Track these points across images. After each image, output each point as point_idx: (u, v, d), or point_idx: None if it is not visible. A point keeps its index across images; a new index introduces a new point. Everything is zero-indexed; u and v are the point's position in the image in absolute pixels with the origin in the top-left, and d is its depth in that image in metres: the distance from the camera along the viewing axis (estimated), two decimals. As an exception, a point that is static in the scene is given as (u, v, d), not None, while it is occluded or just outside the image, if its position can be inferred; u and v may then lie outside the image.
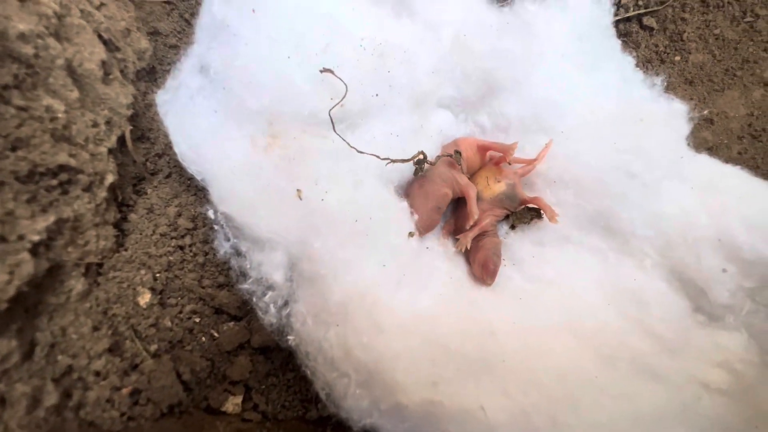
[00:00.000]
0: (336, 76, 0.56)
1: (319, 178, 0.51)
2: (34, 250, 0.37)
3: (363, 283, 0.47)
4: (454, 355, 0.47)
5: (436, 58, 0.70)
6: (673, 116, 0.72)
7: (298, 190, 0.49)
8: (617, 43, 0.78)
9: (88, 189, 0.44)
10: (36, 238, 0.37)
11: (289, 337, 0.49)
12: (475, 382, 0.46)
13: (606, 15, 0.77)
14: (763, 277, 0.61)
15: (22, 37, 0.38)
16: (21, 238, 0.36)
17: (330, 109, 0.55)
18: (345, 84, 0.55)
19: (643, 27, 0.92)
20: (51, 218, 0.38)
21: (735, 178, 0.66)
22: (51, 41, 0.41)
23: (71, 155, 0.42)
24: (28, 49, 0.39)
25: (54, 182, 0.40)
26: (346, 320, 0.45)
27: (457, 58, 0.71)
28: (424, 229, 0.64)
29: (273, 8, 0.56)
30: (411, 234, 0.56)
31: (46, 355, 0.39)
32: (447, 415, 0.43)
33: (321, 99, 0.56)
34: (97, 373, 0.41)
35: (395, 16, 0.70)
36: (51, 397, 0.38)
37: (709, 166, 0.68)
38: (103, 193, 0.46)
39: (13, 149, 0.37)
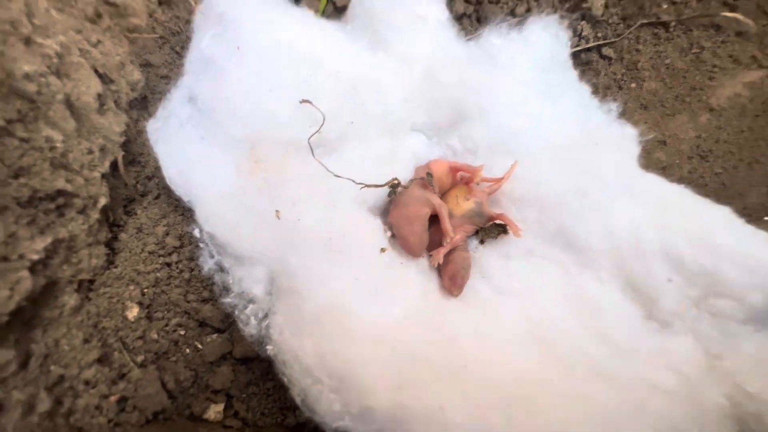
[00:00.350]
0: (314, 106, 0.62)
1: (296, 200, 0.56)
2: (33, 269, 0.41)
3: (336, 296, 0.51)
4: (419, 362, 0.51)
5: (409, 89, 0.77)
6: (625, 140, 0.79)
7: (276, 211, 0.54)
8: (574, 73, 0.86)
9: (82, 211, 0.48)
10: (35, 257, 0.41)
11: (267, 347, 0.52)
12: (438, 386, 0.50)
13: (564, 49, 0.85)
14: (705, 287, 0.67)
15: (27, 76, 0.43)
16: (21, 257, 0.40)
17: (309, 138, 0.61)
18: (322, 114, 0.61)
19: (602, 57, 1.00)
20: (48, 239, 0.42)
21: (680, 195, 0.73)
22: (52, 79, 0.46)
23: (68, 181, 0.46)
24: (31, 87, 0.44)
25: (52, 206, 0.44)
26: (321, 331, 0.50)
27: (428, 88, 0.78)
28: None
29: (256, 45, 0.62)
30: (383, 249, 0.61)
31: (40, 365, 0.42)
32: (411, 416, 0.47)
33: (300, 127, 0.61)
34: (87, 382, 0.44)
35: (371, 50, 0.76)
36: (44, 404, 0.41)
37: (657, 184, 0.75)
38: (95, 215, 0.50)
39: (16, 176, 0.41)
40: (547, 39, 0.86)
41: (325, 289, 0.52)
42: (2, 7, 0.43)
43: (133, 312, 0.49)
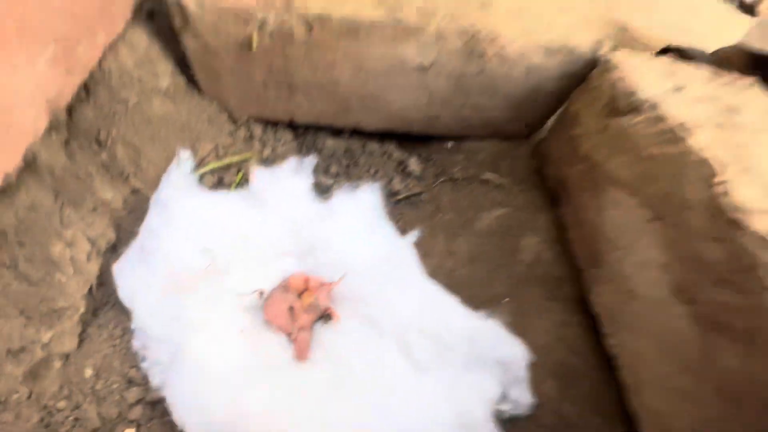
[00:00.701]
0: (212, 252, 1.11)
1: (193, 307, 1.01)
2: (43, 348, 0.82)
3: (205, 359, 0.94)
4: (251, 393, 0.92)
5: (282, 233, 1.29)
6: (413, 257, 1.32)
7: (179, 313, 0.99)
8: (388, 218, 1.42)
9: (70, 317, 0.92)
10: (45, 341, 0.82)
11: (164, 392, 0.93)
12: (260, 407, 0.90)
13: (380, 203, 1.42)
14: (443, 347, 1.12)
15: (61, 254, 0.91)
16: (39, 341, 0.82)
17: (205, 267, 1.08)
18: (216, 257, 1.10)
19: (421, 200, 1.60)
20: (52, 332, 0.85)
21: (433, 289, 1.23)
22: (67, 250, 0.94)
23: (66, 301, 0.91)
24: (63, 260, 0.91)
25: (56, 314, 0.87)
26: (192, 378, 0.91)
27: (295, 232, 1.31)
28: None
29: (182, 218, 1.14)
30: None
31: (36, 399, 0.80)
32: (241, 424, 0.86)
33: (203, 265, 1.10)
34: (59, 409, 0.82)
35: (259, 211, 1.30)
36: (35, 419, 0.78)
37: (425, 284, 1.25)
38: (76, 318, 0.94)
39: (41, 301, 0.86)
40: (371, 197, 1.44)
41: (201, 355, 0.94)
42: (63, 225, 0.93)
43: (88, 373, 0.89)
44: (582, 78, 1.32)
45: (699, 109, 1.06)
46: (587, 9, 1.32)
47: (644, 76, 1.16)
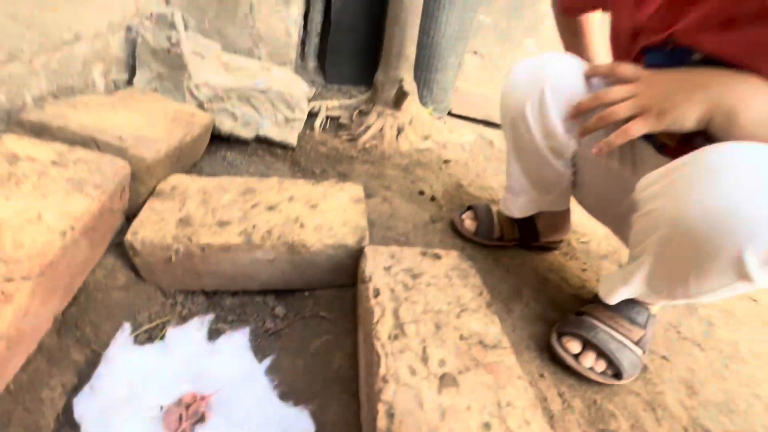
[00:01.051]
0: (133, 383, 1.95)
1: (114, 416, 1.80)
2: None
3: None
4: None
5: (181, 367, 2.15)
6: (263, 374, 2.17)
7: (107, 422, 1.78)
8: (256, 348, 2.32)
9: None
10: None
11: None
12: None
13: (248, 338, 2.34)
14: (265, 427, 1.90)
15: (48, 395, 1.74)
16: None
17: (126, 393, 1.90)
18: (133, 387, 1.94)
19: (283, 333, 2.52)
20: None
21: (269, 394, 2.06)
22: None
23: (43, 421, 1.70)
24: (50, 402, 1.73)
25: (38, 429, 1.65)
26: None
27: (190, 365, 2.17)
28: (174, 430, 1.91)
29: (117, 366, 1.99)
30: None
31: None
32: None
33: (125, 392, 1.92)
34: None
35: (168, 354, 2.17)
36: None
37: (266, 391, 2.08)
38: (50, 417, 1.71)
39: (32, 422, 1.66)
40: (243, 336, 2.35)
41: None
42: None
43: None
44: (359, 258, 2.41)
45: (393, 277, 2.13)
46: (356, 220, 2.50)
47: (374, 260, 2.25)
